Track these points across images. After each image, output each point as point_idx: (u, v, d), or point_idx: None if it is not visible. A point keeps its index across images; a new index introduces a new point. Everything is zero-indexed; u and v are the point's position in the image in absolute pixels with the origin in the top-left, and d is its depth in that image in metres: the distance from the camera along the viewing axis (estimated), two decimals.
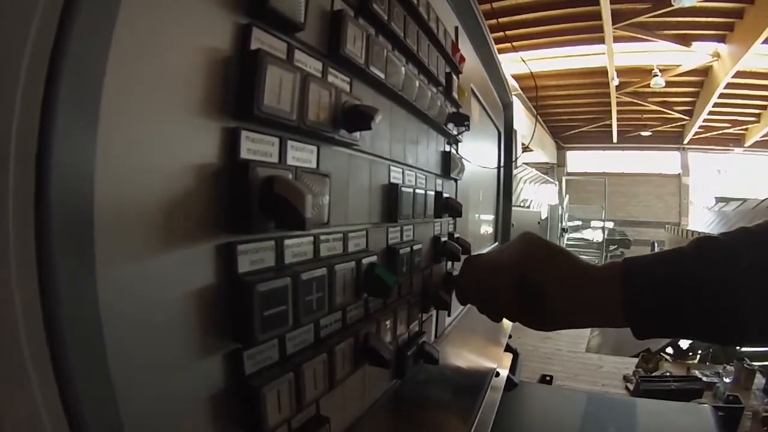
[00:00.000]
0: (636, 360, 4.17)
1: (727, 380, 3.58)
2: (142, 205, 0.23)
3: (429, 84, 0.63)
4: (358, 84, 0.44)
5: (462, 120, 0.73)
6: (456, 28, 0.84)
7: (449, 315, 0.88)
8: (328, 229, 0.39)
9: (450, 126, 0.73)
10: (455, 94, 0.74)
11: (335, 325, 0.41)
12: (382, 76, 0.46)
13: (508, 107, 1.61)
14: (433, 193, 0.66)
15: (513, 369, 1.32)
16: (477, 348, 0.99)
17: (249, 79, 0.29)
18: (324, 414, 0.38)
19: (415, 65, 0.58)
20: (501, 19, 5.92)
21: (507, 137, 1.60)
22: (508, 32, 5.96)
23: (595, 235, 10.82)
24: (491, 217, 1.49)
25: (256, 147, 0.30)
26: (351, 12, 0.42)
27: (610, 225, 11.22)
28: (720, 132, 11.45)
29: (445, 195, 0.71)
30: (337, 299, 0.39)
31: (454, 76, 0.74)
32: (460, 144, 0.83)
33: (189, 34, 0.26)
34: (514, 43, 6.26)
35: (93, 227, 0.21)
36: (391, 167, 0.54)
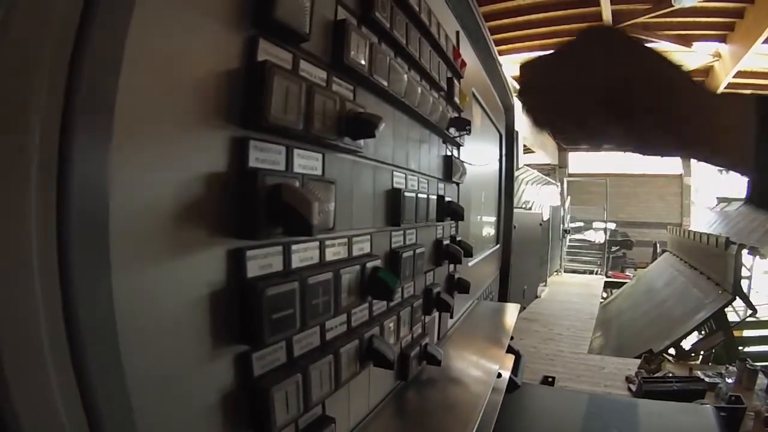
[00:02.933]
0: (638, 361, 4.16)
1: (729, 381, 3.56)
2: (155, 213, 0.24)
3: (431, 90, 0.63)
4: (362, 92, 0.45)
5: (463, 124, 0.74)
6: (457, 33, 0.85)
7: (452, 317, 0.89)
8: (334, 235, 0.40)
9: (452, 130, 0.74)
10: (457, 99, 0.75)
11: (341, 327, 0.42)
12: (385, 83, 0.47)
13: (509, 109, 1.62)
14: (435, 197, 0.67)
15: (515, 370, 1.32)
16: (479, 349, 0.99)
17: (256, 90, 0.29)
18: (330, 414, 0.39)
19: (417, 71, 0.59)
20: (502, 21, 5.91)
21: (508, 139, 1.61)
22: (508, 34, 5.97)
23: (597, 237, 10.79)
24: (493, 219, 1.49)
25: (264, 156, 0.31)
26: (354, 20, 0.42)
27: (612, 226, 11.18)
28: None
29: (447, 199, 0.72)
30: (342, 302, 0.40)
31: (456, 81, 0.75)
32: (461, 147, 0.84)
33: (197, 47, 0.26)
34: (514, 45, 6.26)
35: (108, 235, 0.22)
36: (394, 172, 0.55)
